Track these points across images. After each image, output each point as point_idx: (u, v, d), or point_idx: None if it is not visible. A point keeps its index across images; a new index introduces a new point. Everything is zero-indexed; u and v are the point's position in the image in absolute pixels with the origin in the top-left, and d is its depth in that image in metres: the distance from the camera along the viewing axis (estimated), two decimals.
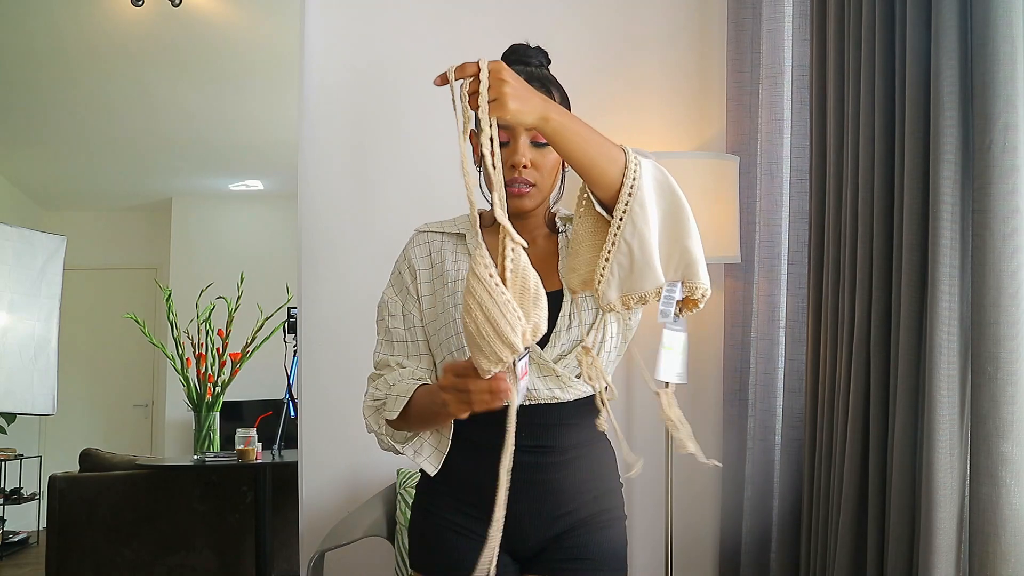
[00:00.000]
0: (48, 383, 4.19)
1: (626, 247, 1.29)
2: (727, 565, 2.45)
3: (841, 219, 1.95)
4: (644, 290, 1.31)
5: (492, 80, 1.18)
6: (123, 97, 5.30)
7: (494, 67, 1.18)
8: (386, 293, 1.56)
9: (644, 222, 1.28)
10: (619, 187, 1.28)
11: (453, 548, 1.48)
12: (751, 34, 2.43)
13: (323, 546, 1.74)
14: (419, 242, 1.56)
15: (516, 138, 1.44)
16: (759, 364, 2.33)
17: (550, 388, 1.45)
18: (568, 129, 1.25)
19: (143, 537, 4.12)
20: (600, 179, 1.28)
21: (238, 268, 5.58)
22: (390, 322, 1.53)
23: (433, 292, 1.52)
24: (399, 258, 1.57)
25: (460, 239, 1.54)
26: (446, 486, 1.51)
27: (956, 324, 1.62)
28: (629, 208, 1.28)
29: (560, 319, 1.46)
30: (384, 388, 1.48)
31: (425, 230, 1.58)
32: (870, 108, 1.84)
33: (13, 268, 4.12)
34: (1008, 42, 1.54)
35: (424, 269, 1.53)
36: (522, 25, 2.55)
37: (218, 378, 4.76)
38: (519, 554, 1.50)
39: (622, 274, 1.31)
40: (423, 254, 1.54)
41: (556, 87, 1.52)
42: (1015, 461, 1.54)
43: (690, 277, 1.34)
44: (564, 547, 1.48)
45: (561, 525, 1.48)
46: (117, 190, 7.36)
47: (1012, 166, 1.53)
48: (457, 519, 1.49)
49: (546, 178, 1.47)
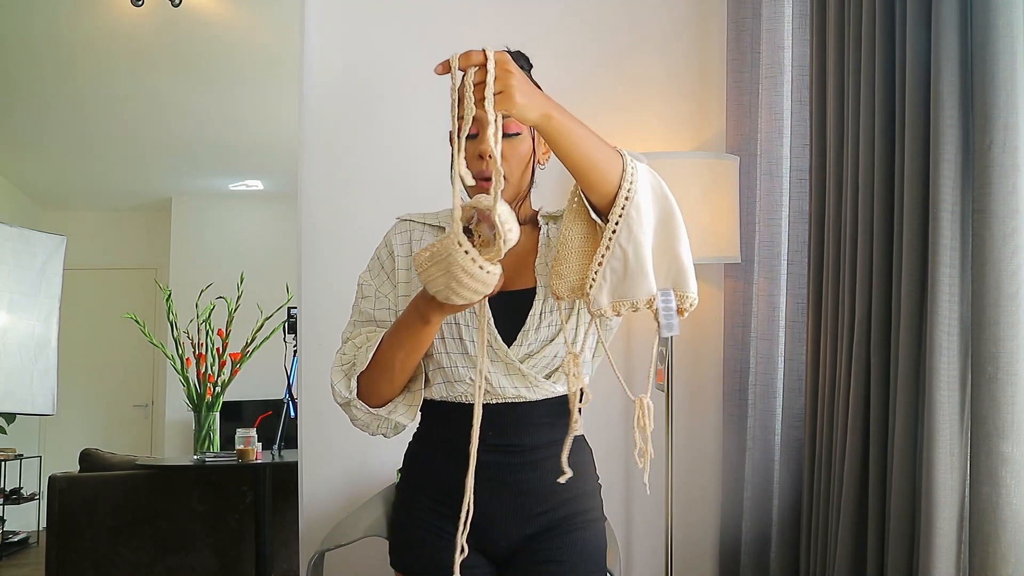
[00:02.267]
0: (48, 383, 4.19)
1: (620, 252, 1.27)
2: (727, 565, 2.45)
3: (841, 219, 1.95)
4: (636, 297, 1.29)
5: (499, 71, 1.14)
6: (123, 97, 5.30)
7: (500, 58, 1.15)
8: (363, 276, 1.56)
9: (640, 227, 1.26)
10: (614, 191, 1.26)
11: (431, 549, 1.48)
12: (751, 34, 2.43)
13: (323, 546, 1.74)
14: (400, 230, 1.56)
15: (484, 128, 1.42)
16: (759, 364, 2.33)
17: (516, 387, 1.44)
18: (569, 128, 1.22)
19: (143, 537, 4.12)
20: (597, 182, 1.26)
21: (238, 268, 5.58)
22: (362, 303, 1.52)
23: (410, 280, 1.51)
24: (379, 244, 1.57)
25: (441, 232, 1.54)
26: (422, 486, 1.52)
27: (956, 324, 1.62)
28: (626, 212, 1.26)
29: (530, 318, 1.44)
30: (351, 350, 1.47)
31: (407, 218, 1.57)
32: (870, 108, 1.84)
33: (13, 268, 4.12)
34: (1008, 42, 1.54)
35: (403, 256, 1.53)
36: (522, 25, 2.55)
37: (218, 378, 4.76)
38: (493, 555, 1.50)
39: (615, 280, 1.29)
40: (403, 241, 1.54)
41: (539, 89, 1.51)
42: (1015, 461, 1.54)
43: (681, 286, 1.32)
44: (539, 548, 1.47)
45: (535, 526, 1.47)
46: (117, 190, 7.36)
47: (1012, 166, 1.54)
48: (432, 519, 1.49)
49: (515, 170, 1.45)
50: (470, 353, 1.45)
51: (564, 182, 1.38)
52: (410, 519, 1.52)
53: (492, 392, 1.45)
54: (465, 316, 1.45)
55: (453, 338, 1.46)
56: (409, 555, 1.52)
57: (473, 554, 1.45)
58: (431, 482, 1.51)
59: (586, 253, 1.32)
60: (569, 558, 1.46)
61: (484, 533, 1.46)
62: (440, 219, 1.56)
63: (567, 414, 1.44)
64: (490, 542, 1.48)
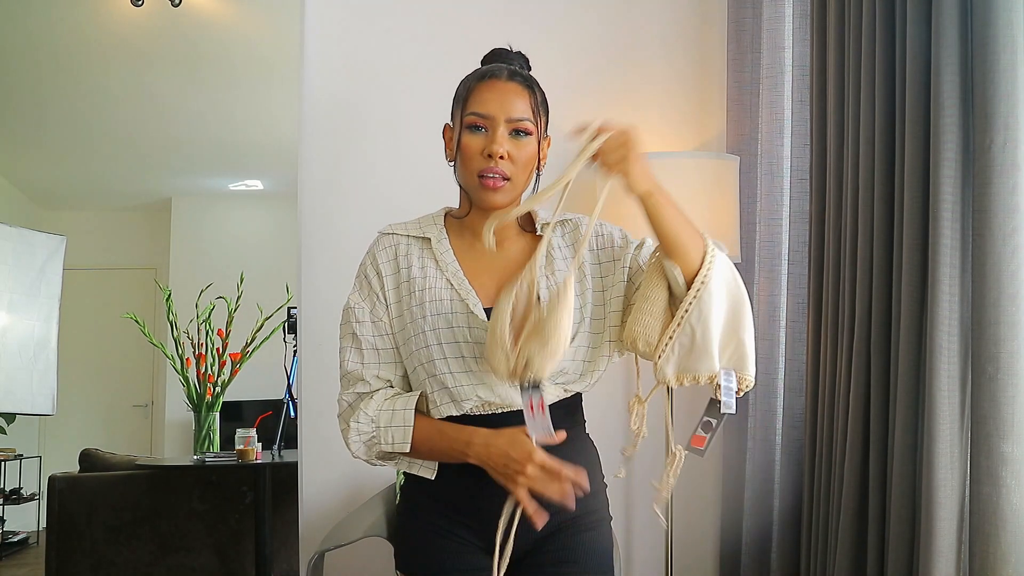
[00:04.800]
0: (48, 383, 4.19)
1: (690, 329, 1.39)
2: (727, 565, 2.45)
3: (841, 219, 1.95)
4: (698, 371, 1.40)
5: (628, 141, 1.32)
6: (123, 97, 5.30)
7: (633, 132, 1.32)
8: (352, 298, 1.52)
9: (710, 310, 1.38)
10: (693, 268, 1.38)
11: (438, 551, 1.48)
12: (751, 34, 2.43)
13: (323, 546, 1.74)
14: (384, 245, 1.52)
15: (495, 128, 1.42)
16: (759, 364, 2.32)
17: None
18: (667, 207, 1.36)
19: (143, 537, 4.12)
20: (682, 258, 1.38)
21: (238, 268, 5.57)
22: (357, 328, 1.49)
23: (399, 300, 1.48)
24: (364, 261, 1.53)
25: (426, 243, 1.51)
26: (430, 489, 1.50)
27: (956, 324, 1.62)
28: (699, 295, 1.38)
29: None
30: (368, 423, 1.46)
31: (389, 232, 1.53)
32: (870, 108, 1.84)
33: (13, 268, 4.12)
34: (1008, 42, 1.54)
35: (390, 275, 1.50)
36: (522, 25, 2.55)
37: (218, 378, 4.75)
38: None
39: (682, 353, 1.40)
40: (389, 258, 1.51)
41: (539, 87, 1.49)
42: (1015, 461, 1.54)
43: (741, 368, 1.43)
44: (549, 550, 1.47)
45: (546, 527, 1.45)
46: (117, 190, 7.36)
47: (1012, 166, 1.54)
48: (440, 522, 1.48)
49: (520, 172, 1.44)
50: (474, 370, 1.43)
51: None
52: (417, 522, 1.51)
53: (500, 403, 1.44)
54: (464, 332, 1.43)
55: (455, 357, 1.43)
56: (419, 557, 1.51)
57: (484, 557, 1.45)
58: (442, 485, 1.49)
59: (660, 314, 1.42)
60: (580, 559, 1.46)
61: (494, 535, 1.45)
62: (422, 227, 1.53)
63: (572, 415, 1.47)
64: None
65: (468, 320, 1.43)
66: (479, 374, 1.43)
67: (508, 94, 1.43)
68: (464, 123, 1.43)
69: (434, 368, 1.44)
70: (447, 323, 1.43)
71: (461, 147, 1.44)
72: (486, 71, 1.47)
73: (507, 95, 1.43)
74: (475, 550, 1.47)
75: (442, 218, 1.55)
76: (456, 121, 1.47)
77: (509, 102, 1.42)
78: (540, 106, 1.46)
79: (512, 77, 1.45)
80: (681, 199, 2.32)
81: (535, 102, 1.45)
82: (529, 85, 1.46)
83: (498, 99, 1.42)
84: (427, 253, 1.50)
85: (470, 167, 1.43)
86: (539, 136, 1.46)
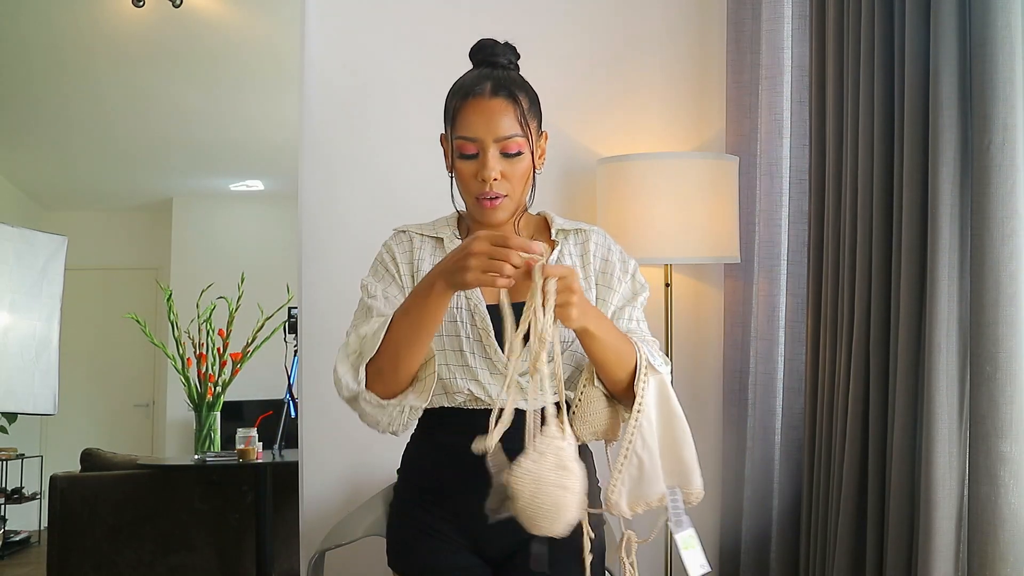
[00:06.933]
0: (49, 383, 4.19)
1: (637, 459, 1.41)
2: (727, 565, 2.45)
3: (841, 219, 1.96)
4: (650, 498, 1.43)
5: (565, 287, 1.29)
6: (124, 97, 5.31)
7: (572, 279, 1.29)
8: (366, 279, 1.53)
9: (651, 435, 1.42)
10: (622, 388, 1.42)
11: (427, 550, 1.48)
12: (751, 34, 2.43)
13: (323, 546, 1.74)
14: (400, 240, 1.56)
15: (486, 150, 1.41)
16: (759, 364, 2.33)
17: (514, 399, 1.43)
18: (601, 340, 1.37)
19: (144, 537, 4.13)
20: (611, 378, 1.42)
21: (238, 268, 5.58)
22: (370, 302, 1.49)
23: (411, 288, 1.49)
24: (380, 251, 1.56)
25: (438, 243, 1.54)
26: (417, 487, 1.52)
27: (955, 324, 1.62)
28: (638, 424, 1.41)
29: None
30: (357, 340, 1.42)
31: (404, 229, 1.57)
32: (869, 108, 1.84)
33: (14, 268, 4.12)
34: (1007, 42, 1.54)
35: (405, 263, 1.53)
36: (521, 25, 2.55)
37: (219, 378, 4.77)
38: (490, 557, 1.50)
39: (631, 484, 1.42)
40: (404, 251, 1.54)
41: (526, 90, 1.47)
42: (1014, 461, 1.54)
43: (686, 484, 1.46)
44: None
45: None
46: (118, 190, 7.37)
47: (1011, 166, 1.54)
48: (428, 520, 1.49)
49: (516, 187, 1.45)
50: (469, 365, 1.44)
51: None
52: (406, 519, 1.52)
53: (490, 403, 1.44)
54: (465, 328, 1.45)
55: (453, 350, 1.45)
56: (409, 556, 1.52)
57: (469, 555, 1.46)
58: (427, 483, 1.51)
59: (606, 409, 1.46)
60: (564, 560, 1.45)
61: (480, 535, 1.46)
62: (436, 228, 1.55)
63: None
64: (486, 544, 1.48)
65: (471, 316, 1.45)
66: (474, 369, 1.44)
67: (494, 114, 1.41)
68: (455, 146, 1.44)
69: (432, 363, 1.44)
70: (450, 316, 1.45)
71: (456, 170, 1.46)
72: (469, 88, 1.43)
73: (493, 115, 1.41)
74: (460, 549, 1.48)
75: (455, 220, 1.57)
76: (447, 136, 1.49)
77: (495, 122, 1.41)
78: (529, 111, 1.45)
79: (496, 92, 1.42)
80: (681, 199, 2.32)
81: (521, 113, 1.43)
82: (513, 97, 1.43)
83: (484, 121, 1.41)
84: (439, 252, 1.52)
85: (466, 190, 1.46)
86: (531, 146, 1.45)
